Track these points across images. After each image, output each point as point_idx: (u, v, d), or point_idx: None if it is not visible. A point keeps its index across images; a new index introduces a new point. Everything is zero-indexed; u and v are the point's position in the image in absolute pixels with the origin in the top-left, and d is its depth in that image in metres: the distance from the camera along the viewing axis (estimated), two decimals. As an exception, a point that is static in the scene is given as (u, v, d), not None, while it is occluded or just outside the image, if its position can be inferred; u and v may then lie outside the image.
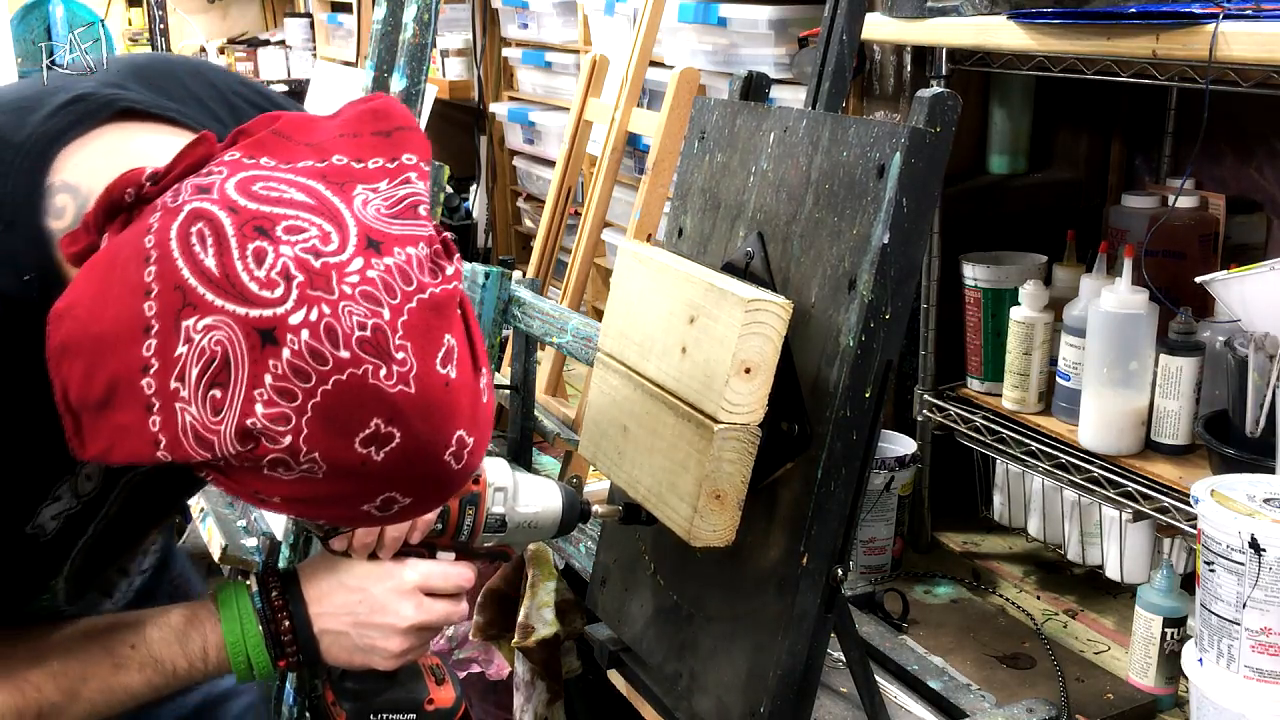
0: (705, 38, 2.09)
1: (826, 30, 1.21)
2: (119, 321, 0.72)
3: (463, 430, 0.76)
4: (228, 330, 0.71)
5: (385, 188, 0.78)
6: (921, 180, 1.00)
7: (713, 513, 1.06)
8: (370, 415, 0.73)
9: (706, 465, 1.04)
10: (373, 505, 0.78)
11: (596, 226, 2.09)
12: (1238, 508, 1.09)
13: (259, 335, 0.71)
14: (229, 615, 1.01)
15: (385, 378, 0.72)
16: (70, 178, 0.84)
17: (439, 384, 0.74)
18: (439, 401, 0.75)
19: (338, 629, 1.03)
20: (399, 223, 0.76)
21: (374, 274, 0.72)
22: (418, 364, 0.73)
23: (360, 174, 0.78)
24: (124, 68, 0.95)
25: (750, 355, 1.02)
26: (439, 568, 1.06)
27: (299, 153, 0.78)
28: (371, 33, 2.36)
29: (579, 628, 1.61)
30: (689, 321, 1.09)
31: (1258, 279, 1.26)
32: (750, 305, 1.02)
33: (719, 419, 1.03)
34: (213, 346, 0.71)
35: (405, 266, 0.74)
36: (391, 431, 0.73)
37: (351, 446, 0.73)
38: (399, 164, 0.79)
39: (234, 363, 0.71)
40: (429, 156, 0.82)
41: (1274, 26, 1.13)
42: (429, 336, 0.74)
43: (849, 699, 1.30)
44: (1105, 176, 1.81)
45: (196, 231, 0.72)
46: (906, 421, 1.75)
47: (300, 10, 4.55)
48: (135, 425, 0.73)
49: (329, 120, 0.81)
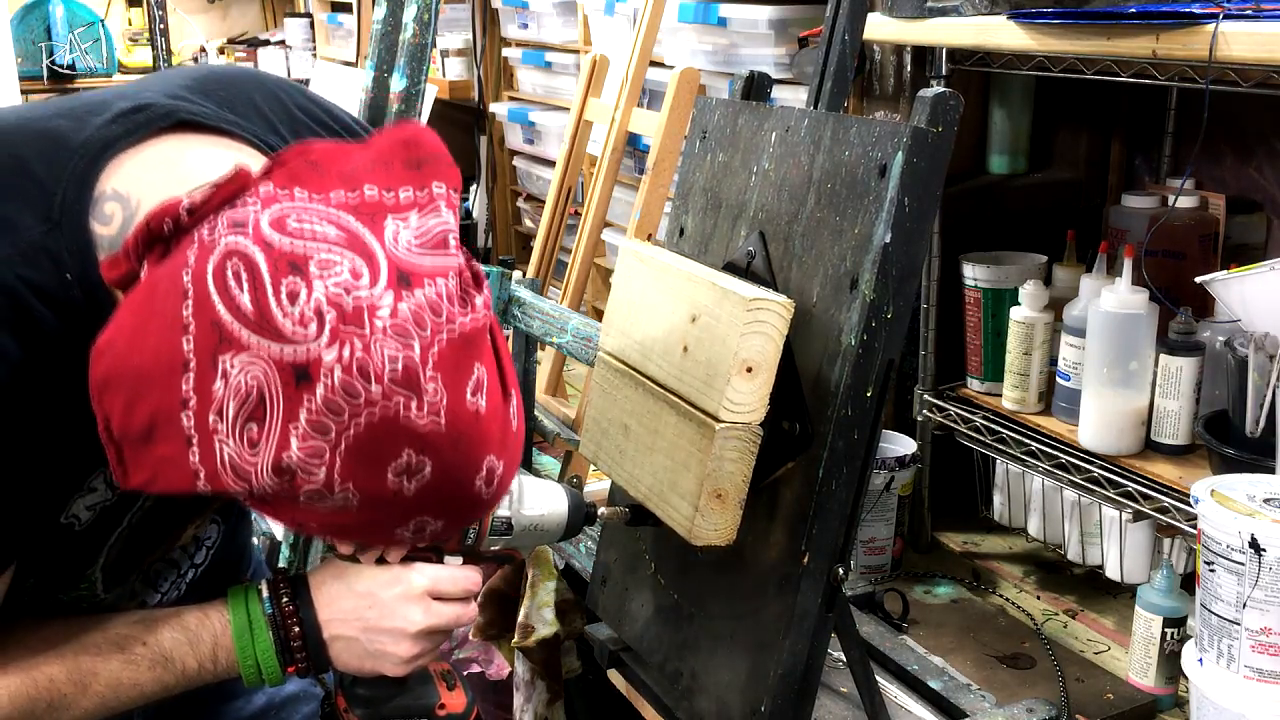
0: (705, 38, 2.09)
1: (828, 30, 1.21)
2: (158, 357, 0.74)
3: (492, 456, 0.78)
4: (263, 368, 0.72)
5: (415, 219, 0.79)
6: (923, 180, 1.00)
7: (714, 512, 1.06)
8: (402, 448, 0.74)
9: (708, 464, 1.04)
10: (405, 530, 0.80)
11: (596, 226, 2.09)
12: (1238, 508, 1.09)
13: (294, 373, 0.72)
14: (239, 619, 1.01)
15: (416, 411, 0.74)
16: (121, 186, 0.86)
17: (469, 415, 0.76)
18: (469, 432, 0.76)
19: (348, 635, 1.03)
20: (429, 255, 0.77)
21: (405, 309, 0.74)
22: (448, 396, 0.75)
23: (391, 205, 0.79)
24: (190, 78, 0.97)
25: (752, 354, 1.02)
26: (447, 571, 1.06)
27: (331, 183, 0.79)
28: (371, 33, 2.36)
29: (579, 628, 1.61)
30: (690, 320, 1.09)
31: (1258, 279, 1.26)
32: (752, 304, 1.02)
33: (720, 418, 1.03)
34: (249, 384, 0.72)
35: (435, 300, 0.75)
36: (423, 462, 0.75)
37: (384, 478, 0.75)
38: (429, 194, 0.80)
39: (269, 400, 0.73)
40: (459, 185, 0.84)
41: (1274, 26, 1.13)
42: (459, 369, 0.76)
43: (849, 699, 1.30)
44: (1105, 176, 1.81)
45: (232, 269, 0.73)
46: (906, 421, 1.75)
47: (300, 10, 4.55)
48: (176, 458, 0.75)
49: (361, 149, 0.82)
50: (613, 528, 1.36)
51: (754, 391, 1.03)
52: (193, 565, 1.14)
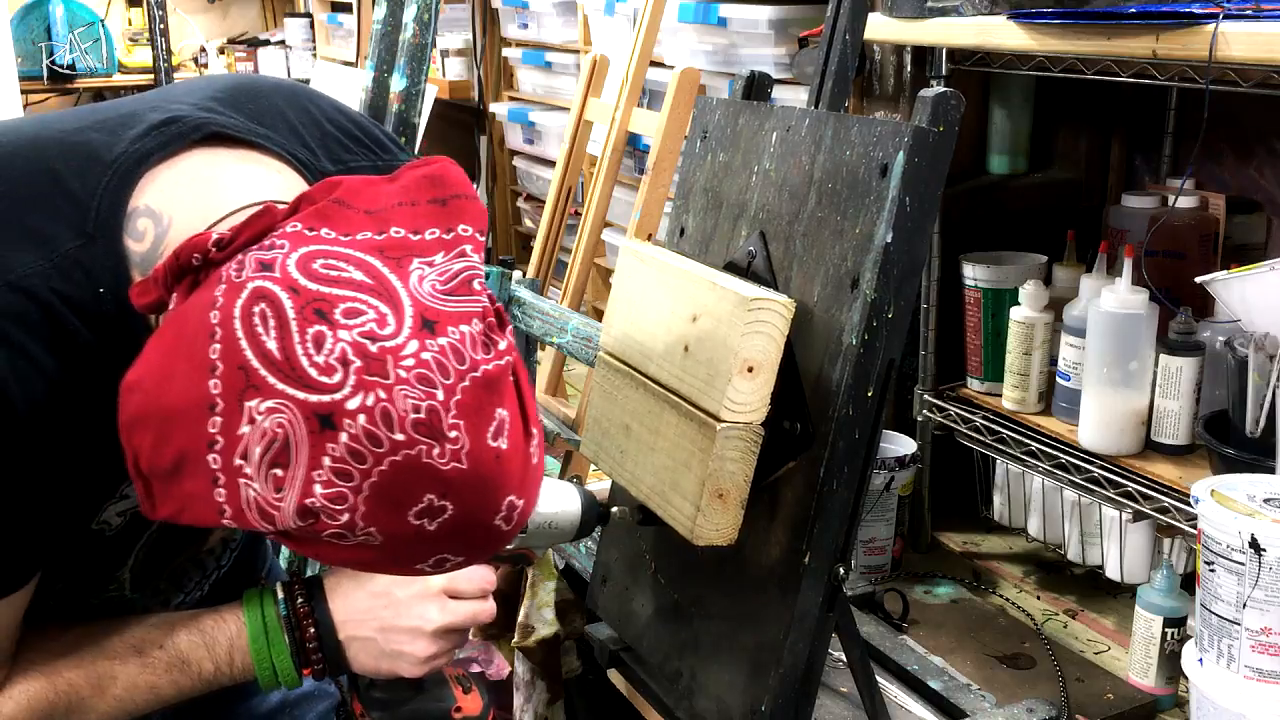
0: (705, 38, 2.09)
1: (829, 30, 1.21)
2: (186, 397, 0.75)
3: (513, 495, 0.79)
4: (289, 414, 0.73)
5: (441, 261, 0.79)
6: (924, 179, 1.00)
7: (715, 512, 1.06)
8: (424, 492, 0.75)
9: (709, 464, 1.04)
10: (426, 564, 0.82)
11: (596, 226, 2.09)
12: (1238, 508, 1.09)
13: (318, 420, 0.73)
14: (254, 623, 1.02)
15: (439, 456, 0.74)
16: (154, 202, 0.87)
17: (490, 458, 0.77)
18: (490, 474, 0.77)
19: (364, 635, 1.03)
20: (453, 300, 0.78)
21: (429, 355, 0.75)
22: (470, 441, 0.75)
23: (417, 246, 0.80)
24: (218, 88, 0.97)
25: (753, 354, 1.02)
26: (462, 570, 1.06)
27: (358, 223, 0.80)
28: (371, 33, 2.36)
29: (579, 628, 1.61)
30: (691, 320, 1.09)
31: (1258, 279, 1.26)
32: (753, 304, 1.02)
33: (721, 418, 1.03)
34: (274, 429, 0.73)
35: (459, 345, 0.76)
36: (445, 505, 0.76)
37: (406, 519, 0.76)
38: (455, 235, 0.81)
39: (294, 445, 0.73)
40: (484, 226, 0.84)
41: (1274, 26, 1.13)
42: (481, 413, 0.76)
43: (849, 699, 1.30)
44: (1105, 176, 1.81)
45: (259, 312, 0.74)
46: (906, 421, 1.75)
47: (300, 10, 4.55)
48: (202, 494, 0.76)
49: (388, 185, 0.83)
50: (614, 527, 1.36)
51: (755, 391, 1.03)
52: (218, 566, 1.15)
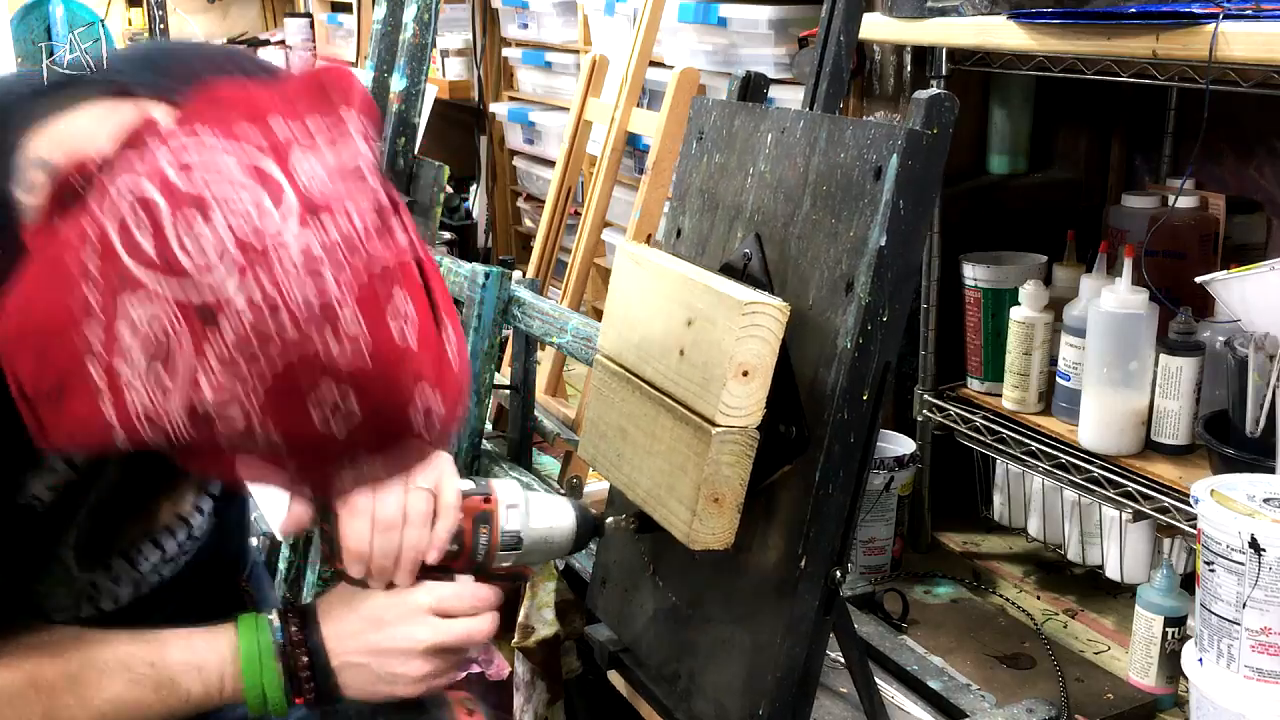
0: (705, 38, 2.09)
1: (824, 30, 1.21)
2: (61, 308, 0.72)
3: (426, 388, 0.75)
4: (167, 309, 0.70)
5: (326, 149, 0.75)
6: (919, 182, 1.00)
7: (711, 516, 1.06)
8: (326, 390, 0.71)
9: (705, 468, 1.04)
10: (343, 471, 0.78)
11: (596, 226, 2.09)
12: (1238, 508, 1.09)
13: (199, 315, 0.69)
14: (248, 646, 1.00)
15: (336, 347, 0.71)
16: (47, 152, 0.83)
17: (393, 347, 0.73)
18: (395, 365, 0.73)
19: (357, 661, 1.02)
20: (343, 187, 0.74)
21: (316, 246, 0.71)
22: (368, 330, 0.71)
23: (300, 136, 0.75)
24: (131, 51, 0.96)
25: (748, 358, 1.02)
26: (453, 587, 1.05)
27: (235, 120, 0.75)
28: (371, 33, 2.36)
29: (579, 628, 1.61)
30: (686, 324, 1.09)
31: (1258, 279, 1.26)
32: (747, 308, 1.02)
33: (717, 422, 1.03)
34: (153, 327, 0.70)
35: (351, 235, 0.72)
36: (351, 404, 0.72)
37: (310, 422, 0.72)
38: (338, 121, 0.76)
39: (175, 343, 0.70)
40: (376, 117, 0.80)
41: (1274, 26, 1.13)
42: (379, 305, 0.72)
43: (849, 699, 1.30)
44: (1105, 176, 1.80)
45: (131, 210, 0.71)
46: (906, 421, 1.75)
47: (300, 10, 4.55)
48: (89, 413, 0.72)
49: (269, 86, 0.79)
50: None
51: (750, 395, 1.03)
52: (181, 551, 1.12)
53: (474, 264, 1.88)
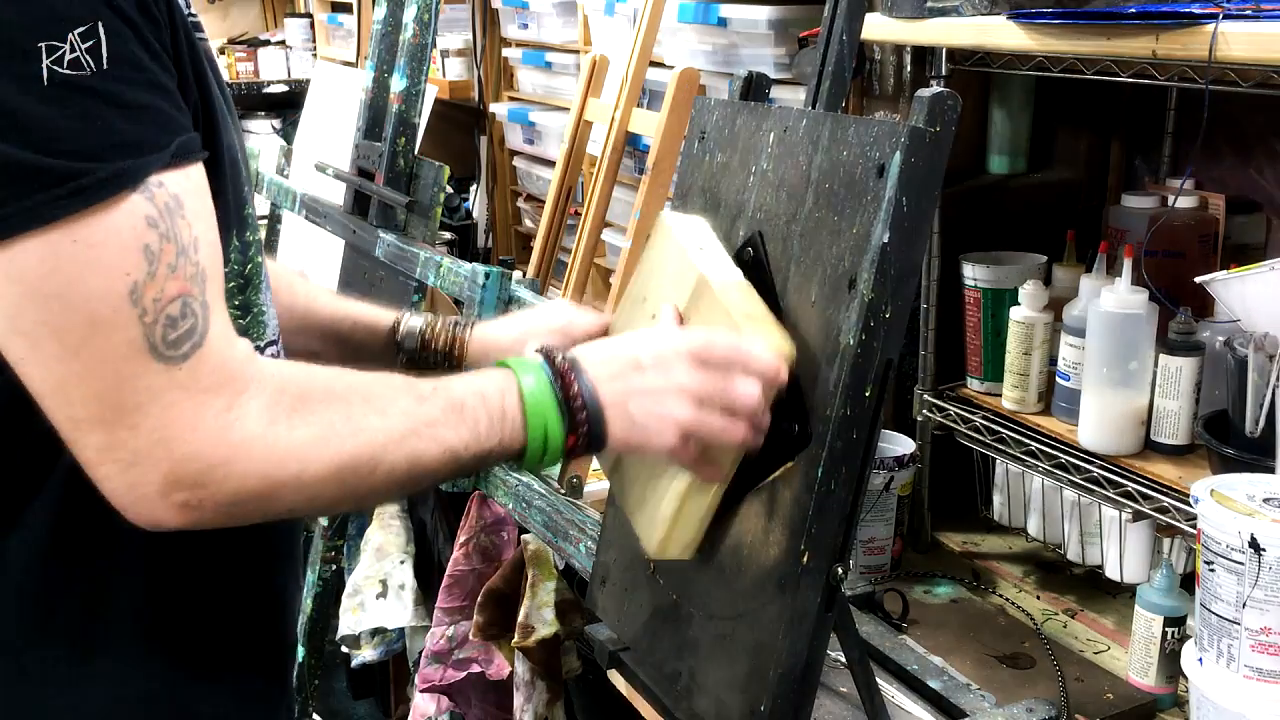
0: (705, 38, 2.09)
1: (826, 30, 1.21)
2: None
3: None
4: None
5: None
6: (922, 179, 1.00)
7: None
8: None
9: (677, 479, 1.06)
10: None
11: (596, 226, 2.09)
12: (1237, 508, 1.09)
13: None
14: (529, 381, 0.93)
15: None
16: None
17: None
18: None
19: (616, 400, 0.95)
20: None
21: None
22: None
23: None
24: None
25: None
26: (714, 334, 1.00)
27: None
28: (371, 33, 2.36)
29: (579, 628, 1.62)
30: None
31: (1258, 279, 1.26)
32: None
33: None
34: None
35: None
36: None
37: None
38: None
39: None
40: None
41: (1274, 26, 1.13)
42: None
43: (849, 699, 1.30)
44: (1105, 176, 1.81)
45: None
46: (906, 421, 1.75)
47: (300, 10, 4.55)
48: None
49: None
50: (613, 528, 1.36)
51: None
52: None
53: (474, 264, 1.88)
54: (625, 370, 0.97)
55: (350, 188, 2.31)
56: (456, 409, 0.90)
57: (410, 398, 0.89)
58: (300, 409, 0.82)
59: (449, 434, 0.89)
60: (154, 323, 0.75)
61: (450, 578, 1.87)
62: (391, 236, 2.10)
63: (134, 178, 0.73)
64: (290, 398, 0.82)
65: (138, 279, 0.74)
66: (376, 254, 2.12)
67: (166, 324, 0.75)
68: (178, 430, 0.76)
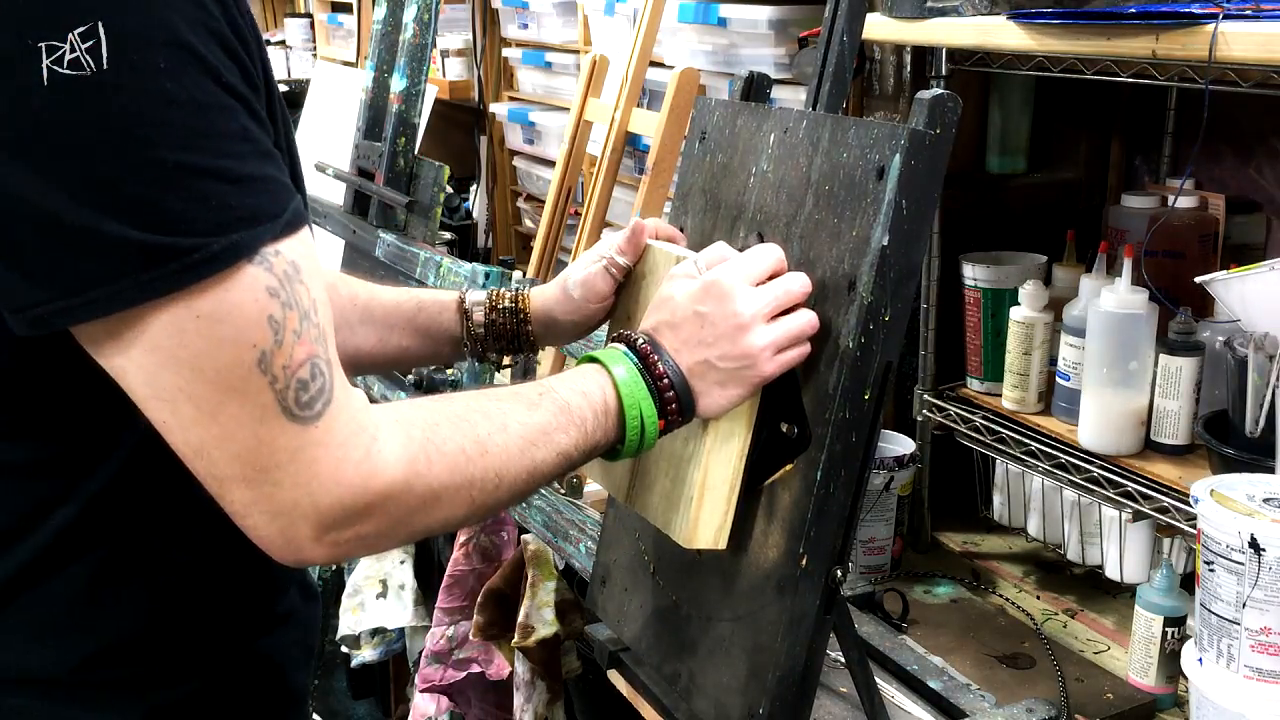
0: (705, 38, 2.09)
1: (827, 30, 1.21)
2: None
3: None
4: None
5: None
6: (921, 182, 1.00)
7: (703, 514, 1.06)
8: None
9: (697, 470, 1.05)
10: None
11: (596, 226, 2.10)
12: (1237, 508, 1.09)
13: None
14: (621, 372, 0.96)
15: None
16: None
17: None
18: None
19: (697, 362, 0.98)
20: None
21: None
22: None
23: None
24: None
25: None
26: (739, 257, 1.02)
27: None
28: (371, 33, 2.36)
29: (579, 628, 1.62)
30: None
31: (1258, 279, 1.26)
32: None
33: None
34: None
35: None
36: None
37: None
38: None
39: None
40: None
41: (1274, 26, 1.13)
42: None
43: (849, 699, 1.30)
44: (1105, 176, 1.81)
45: None
46: (906, 421, 1.75)
47: (300, 10, 4.55)
48: None
49: None
50: (612, 528, 1.36)
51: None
52: None
53: (474, 264, 1.88)
54: (696, 328, 0.99)
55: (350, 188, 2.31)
56: (564, 410, 0.93)
57: (522, 407, 0.91)
58: (431, 442, 0.84)
59: (562, 437, 0.92)
60: (285, 388, 0.76)
61: (450, 578, 1.87)
62: (391, 236, 2.10)
63: (249, 249, 0.74)
64: (420, 432, 0.84)
65: (265, 349, 0.75)
66: (376, 254, 2.12)
67: (298, 387, 0.76)
68: (321, 484, 0.77)
